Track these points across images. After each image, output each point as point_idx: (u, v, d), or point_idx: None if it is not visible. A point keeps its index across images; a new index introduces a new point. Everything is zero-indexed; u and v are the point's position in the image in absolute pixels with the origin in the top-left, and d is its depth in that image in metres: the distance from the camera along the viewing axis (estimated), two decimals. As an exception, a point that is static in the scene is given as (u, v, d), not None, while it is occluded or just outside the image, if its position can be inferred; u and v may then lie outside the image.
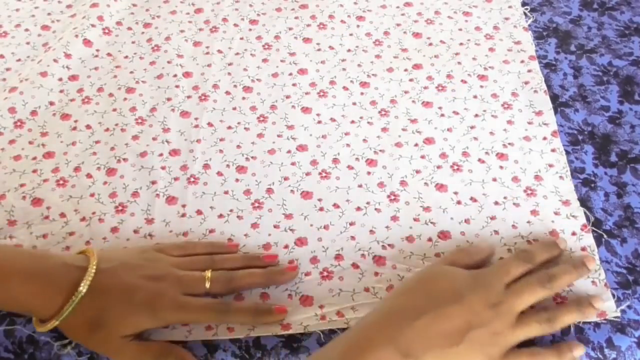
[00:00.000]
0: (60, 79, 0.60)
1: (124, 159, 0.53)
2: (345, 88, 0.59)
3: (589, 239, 0.47)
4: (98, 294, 0.40)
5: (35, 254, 0.46)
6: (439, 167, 0.53)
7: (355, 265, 0.47)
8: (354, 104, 0.58)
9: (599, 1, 0.67)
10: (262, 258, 0.46)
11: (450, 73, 0.60)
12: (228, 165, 0.53)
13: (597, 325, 0.43)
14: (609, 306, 0.43)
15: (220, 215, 0.50)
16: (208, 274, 0.43)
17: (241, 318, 0.43)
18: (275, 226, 0.49)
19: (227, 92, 0.59)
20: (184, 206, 0.50)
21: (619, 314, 0.43)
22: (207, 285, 0.43)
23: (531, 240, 0.47)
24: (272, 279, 0.45)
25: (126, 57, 0.63)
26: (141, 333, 0.42)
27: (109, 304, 0.41)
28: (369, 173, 0.52)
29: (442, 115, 0.57)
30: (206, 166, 0.53)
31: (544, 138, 0.54)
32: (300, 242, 0.48)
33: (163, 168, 0.53)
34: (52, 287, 0.40)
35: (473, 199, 0.50)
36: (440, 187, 0.51)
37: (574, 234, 0.48)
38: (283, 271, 0.45)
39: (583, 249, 0.47)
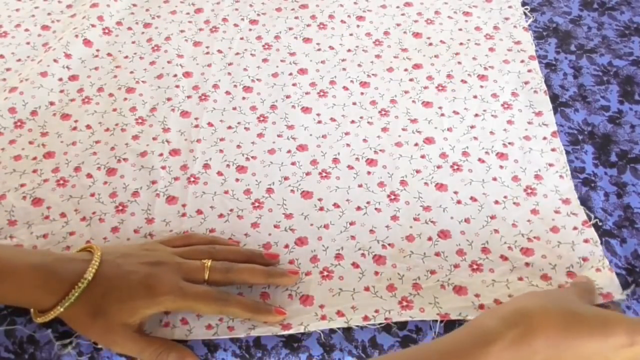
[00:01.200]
0: (61, 79, 0.60)
1: (124, 159, 0.53)
2: (345, 88, 0.59)
3: (591, 233, 0.47)
4: (100, 283, 0.40)
5: (41, 251, 0.47)
6: (439, 166, 0.53)
7: (355, 265, 0.47)
8: (354, 103, 0.58)
9: (599, 1, 0.67)
10: (264, 255, 0.46)
11: (450, 73, 0.60)
12: (228, 165, 0.53)
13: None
14: (615, 289, 0.44)
15: (221, 215, 0.50)
16: (208, 263, 0.43)
17: (240, 312, 0.42)
18: (275, 226, 0.49)
19: (227, 92, 0.59)
20: (184, 206, 0.50)
21: (624, 297, 0.43)
22: (206, 274, 0.43)
23: (532, 238, 0.47)
24: (272, 279, 0.45)
25: (126, 57, 0.63)
26: (142, 323, 0.42)
27: (109, 290, 0.41)
28: (369, 173, 0.52)
29: (442, 115, 0.57)
30: (206, 166, 0.53)
31: (544, 138, 0.54)
32: (301, 241, 0.48)
33: (163, 168, 0.53)
34: (57, 278, 0.40)
35: (473, 199, 0.50)
36: (440, 186, 0.51)
37: (575, 228, 0.48)
38: (284, 273, 0.45)
39: (586, 241, 0.47)
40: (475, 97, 0.58)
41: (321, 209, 0.50)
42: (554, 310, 0.35)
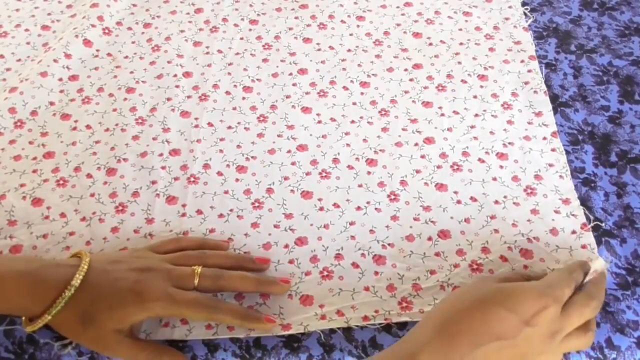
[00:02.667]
0: (61, 79, 0.60)
1: (124, 159, 0.53)
2: (345, 88, 0.59)
3: (588, 238, 0.47)
4: (88, 290, 0.40)
5: (28, 258, 0.46)
6: (439, 166, 0.53)
7: (355, 265, 0.47)
8: (354, 103, 0.58)
9: (599, 1, 0.67)
10: (255, 260, 0.46)
11: (450, 73, 0.60)
12: (228, 165, 0.53)
13: (596, 324, 0.43)
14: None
15: (221, 215, 0.50)
16: (198, 269, 0.43)
17: (229, 319, 0.42)
18: (275, 226, 0.49)
19: (227, 92, 0.59)
20: (184, 206, 0.50)
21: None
22: (196, 280, 0.43)
23: (532, 239, 0.47)
24: (263, 288, 0.45)
25: (126, 57, 0.63)
26: (133, 328, 0.41)
27: (98, 297, 0.40)
28: (369, 173, 0.52)
29: (442, 115, 0.57)
30: (206, 166, 0.53)
31: (544, 138, 0.54)
32: (300, 241, 0.48)
33: (163, 168, 0.53)
34: (44, 285, 0.40)
35: (473, 199, 0.50)
36: (440, 186, 0.51)
37: (573, 232, 0.48)
38: (275, 281, 0.45)
39: (583, 247, 0.47)
40: (475, 97, 0.58)
41: (321, 209, 0.50)
42: (467, 307, 0.38)
